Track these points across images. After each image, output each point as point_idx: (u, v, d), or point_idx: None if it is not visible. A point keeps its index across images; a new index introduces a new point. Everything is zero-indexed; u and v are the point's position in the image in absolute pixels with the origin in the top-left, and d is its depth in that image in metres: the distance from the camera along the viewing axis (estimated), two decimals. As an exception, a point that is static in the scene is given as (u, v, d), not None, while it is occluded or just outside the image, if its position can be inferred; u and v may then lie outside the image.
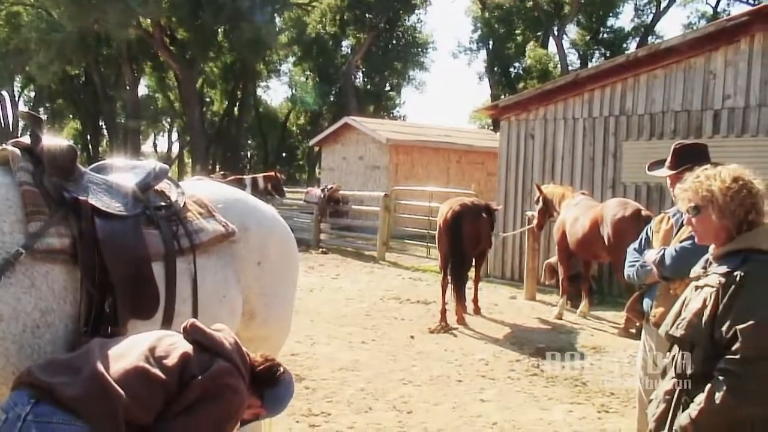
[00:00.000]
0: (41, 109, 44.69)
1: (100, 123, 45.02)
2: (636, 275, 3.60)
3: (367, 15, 39.11)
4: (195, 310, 2.55)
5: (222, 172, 21.98)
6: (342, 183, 19.11)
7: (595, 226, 7.90)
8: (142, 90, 45.38)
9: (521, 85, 37.88)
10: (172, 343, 2.13)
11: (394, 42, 42.52)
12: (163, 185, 2.76)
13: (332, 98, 41.96)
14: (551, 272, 9.83)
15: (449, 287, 8.18)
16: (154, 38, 33.66)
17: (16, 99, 47.17)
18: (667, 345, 2.48)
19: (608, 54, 37.38)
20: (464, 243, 8.17)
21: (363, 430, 4.71)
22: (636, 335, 6.59)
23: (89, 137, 45.62)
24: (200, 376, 2.04)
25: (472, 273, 8.96)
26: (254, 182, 17.22)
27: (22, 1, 37.21)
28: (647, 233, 3.69)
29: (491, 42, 42.05)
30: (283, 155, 48.34)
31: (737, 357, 2.13)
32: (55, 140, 2.49)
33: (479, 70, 53.61)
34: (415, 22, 43.60)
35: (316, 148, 27.31)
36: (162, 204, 2.66)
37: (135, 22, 32.06)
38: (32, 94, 47.99)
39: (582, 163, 10.46)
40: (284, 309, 3.10)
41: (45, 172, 2.36)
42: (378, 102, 43.69)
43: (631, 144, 9.81)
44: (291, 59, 44.54)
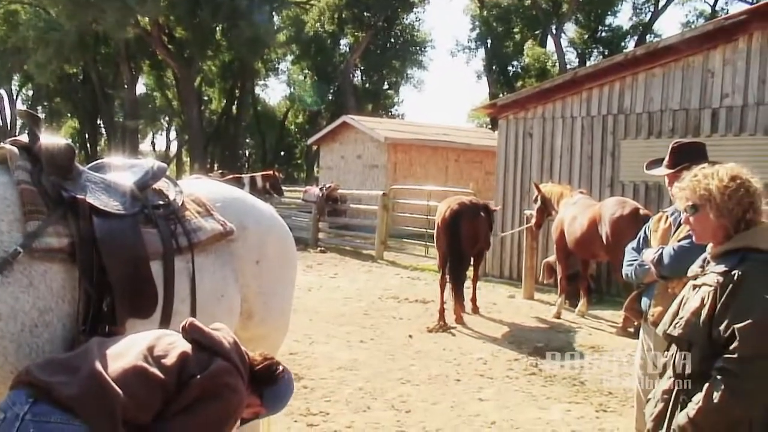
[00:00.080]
0: (39, 108, 44.64)
1: (99, 122, 44.95)
2: (634, 274, 3.60)
3: (366, 13, 39.08)
4: (193, 309, 2.55)
5: (220, 171, 21.95)
6: (340, 182, 19.11)
7: (594, 225, 7.91)
8: (141, 89, 45.38)
9: (519, 84, 37.92)
10: (171, 343, 2.13)
11: (393, 40, 42.52)
12: (161, 184, 2.75)
13: (330, 97, 41.94)
14: (550, 271, 9.85)
15: (448, 286, 8.19)
16: (153, 37, 33.59)
17: (14, 97, 47.25)
18: (666, 344, 2.48)
19: (606, 53, 37.41)
20: (463, 242, 8.17)
21: (361, 430, 4.71)
22: (634, 334, 6.59)
23: (87, 136, 45.62)
24: (199, 376, 2.04)
25: (471, 272, 8.98)
26: (252, 181, 17.23)
27: (20, 0, 37.14)
28: (645, 232, 3.70)
29: (489, 40, 42.08)
30: (282, 154, 48.30)
31: (735, 356, 2.13)
32: (53, 139, 2.48)
33: (477, 69, 53.55)
34: (414, 21, 43.67)
35: (315, 147, 27.30)
36: (160, 203, 2.65)
37: (133, 21, 31.97)
38: (30, 93, 47.99)
39: (580, 162, 10.46)
40: (282, 308, 3.10)
41: (43, 171, 2.35)
42: (376, 101, 43.67)
43: (630, 143, 9.82)
44: (289, 58, 44.56)
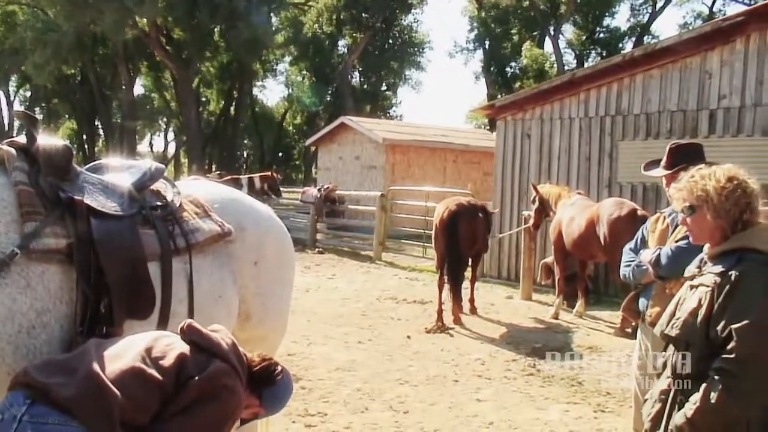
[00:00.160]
0: (37, 109, 44.57)
1: (96, 123, 44.92)
2: (632, 275, 3.61)
3: (364, 15, 39.08)
4: (191, 311, 2.55)
5: (218, 172, 21.93)
6: (338, 183, 19.10)
7: (591, 226, 7.92)
8: (139, 90, 45.41)
9: (517, 85, 37.97)
10: (169, 344, 2.13)
11: (391, 42, 42.52)
12: (159, 185, 2.75)
13: (328, 98, 41.95)
14: (547, 272, 9.85)
15: (446, 287, 8.19)
16: (151, 38, 33.58)
17: (12, 99, 47.23)
18: (663, 344, 2.49)
19: (604, 54, 37.48)
20: (461, 242, 8.17)
21: (359, 430, 4.70)
22: (632, 335, 6.59)
23: (85, 137, 45.59)
24: (197, 377, 2.03)
25: (469, 273, 8.98)
26: (251, 182, 17.22)
27: (18, 1, 37.12)
28: (643, 233, 3.71)
29: (488, 42, 42.14)
30: (280, 155, 48.33)
31: (732, 356, 2.13)
32: (51, 140, 2.47)
33: (476, 70, 53.72)
34: (412, 22, 43.68)
35: (313, 148, 27.31)
36: (158, 204, 2.65)
37: (131, 22, 31.97)
38: (28, 94, 47.94)
39: (578, 163, 10.47)
40: (281, 309, 3.09)
41: (41, 172, 2.35)
42: (374, 102, 43.68)
43: (627, 144, 9.83)
44: (287, 59, 44.57)
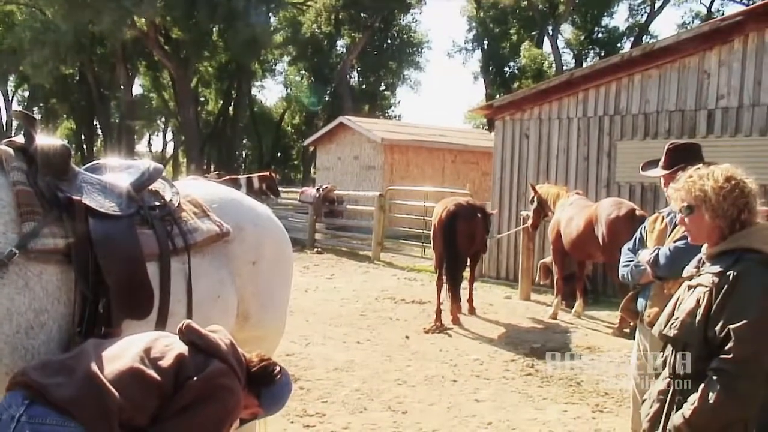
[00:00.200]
0: (35, 109, 44.50)
1: (95, 123, 44.88)
2: (630, 275, 3.61)
3: (362, 14, 39.10)
4: (189, 311, 2.55)
5: (217, 172, 21.91)
6: (337, 183, 19.11)
7: (590, 226, 7.92)
8: (137, 89, 45.33)
9: (516, 85, 38.01)
10: (168, 344, 2.13)
11: (389, 41, 42.56)
12: (158, 185, 2.75)
13: (327, 98, 41.95)
14: (546, 272, 9.86)
15: (444, 287, 8.19)
16: (149, 38, 33.57)
17: (10, 98, 47.12)
18: (661, 345, 2.49)
19: (603, 54, 37.53)
20: (459, 243, 8.17)
21: (358, 431, 4.70)
22: (630, 335, 6.61)
23: (83, 137, 45.55)
24: (196, 377, 2.04)
25: (467, 273, 8.98)
26: (249, 182, 17.20)
27: (16, 1, 37.06)
28: (641, 233, 3.71)
29: (486, 41, 42.19)
30: (278, 155, 48.31)
31: (730, 356, 2.13)
32: (49, 140, 2.47)
33: (474, 70, 53.66)
34: (410, 22, 43.74)
35: (311, 148, 27.32)
36: (156, 204, 2.65)
37: (129, 22, 31.94)
38: (26, 94, 47.87)
39: (576, 163, 10.48)
40: (279, 309, 3.09)
41: (39, 172, 2.35)
42: (373, 102, 43.70)
43: (626, 144, 9.84)
44: (286, 59, 44.54)
